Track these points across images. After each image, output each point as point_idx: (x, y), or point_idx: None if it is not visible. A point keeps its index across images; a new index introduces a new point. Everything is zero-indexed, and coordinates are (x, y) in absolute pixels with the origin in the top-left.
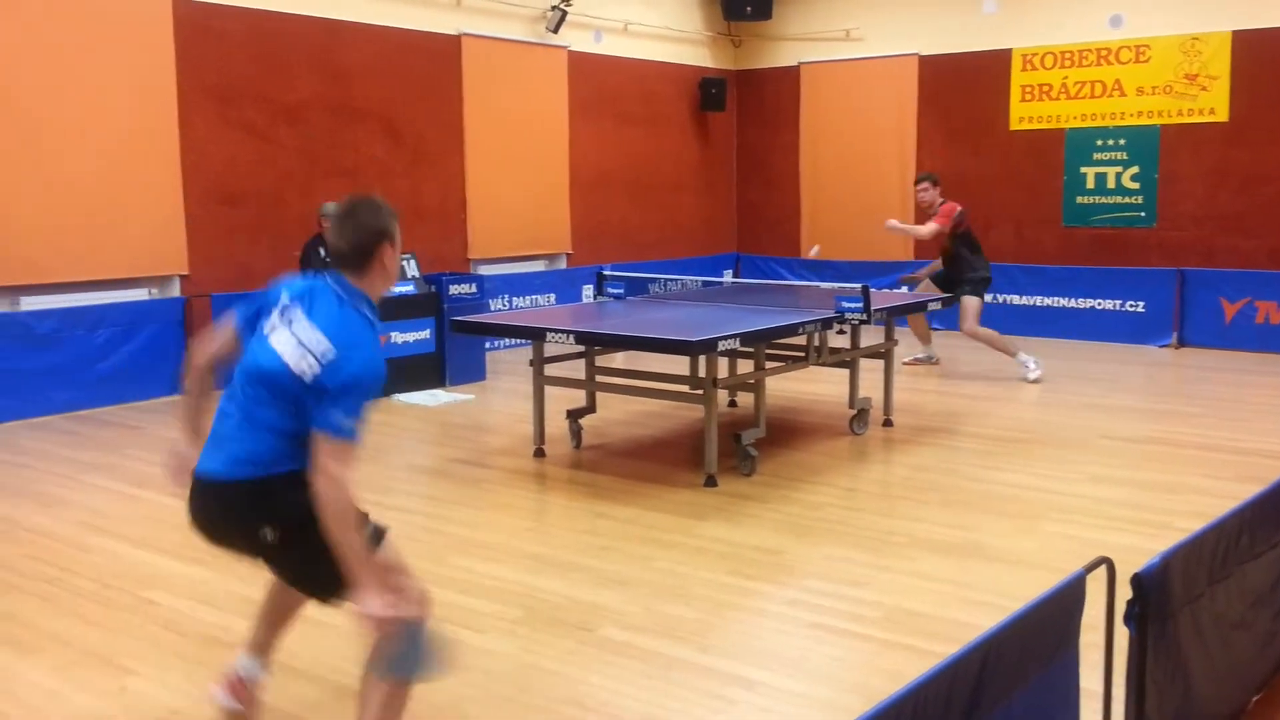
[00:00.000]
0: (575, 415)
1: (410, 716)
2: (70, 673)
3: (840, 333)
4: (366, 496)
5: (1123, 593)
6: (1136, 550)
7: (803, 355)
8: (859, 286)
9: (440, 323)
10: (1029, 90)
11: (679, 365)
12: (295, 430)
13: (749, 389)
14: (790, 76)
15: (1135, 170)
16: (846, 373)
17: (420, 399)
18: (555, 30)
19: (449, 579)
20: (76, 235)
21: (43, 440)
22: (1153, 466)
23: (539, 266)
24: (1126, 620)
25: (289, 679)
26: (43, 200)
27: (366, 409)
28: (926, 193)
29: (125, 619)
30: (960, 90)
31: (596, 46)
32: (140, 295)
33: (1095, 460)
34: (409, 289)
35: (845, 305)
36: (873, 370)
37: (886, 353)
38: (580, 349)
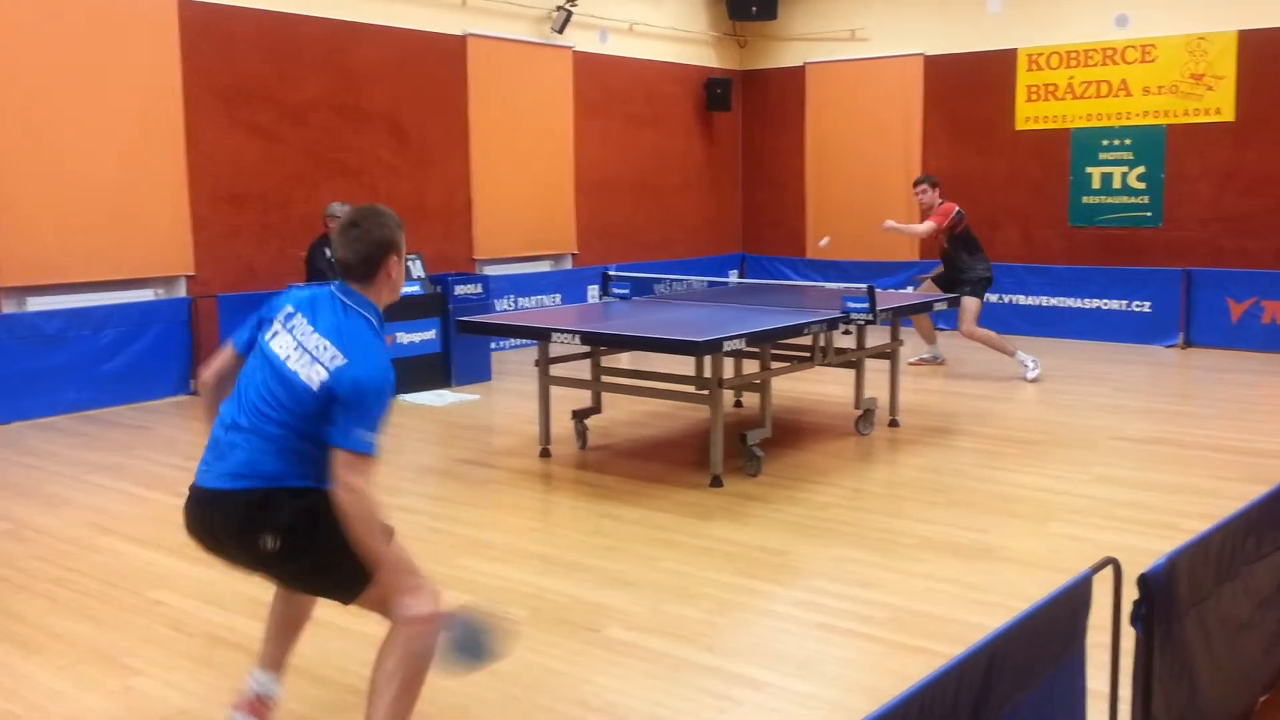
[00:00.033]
0: (581, 415)
1: (418, 716)
2: (76, 672)
3: (846, 333)
4: None
5: (1129, 593)
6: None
7: (808, 355)
8: (864, 287)
9: (446, 323)
10: (1034, 90)
11: (684, 365)
12: (297, 442)
13: (754, 389)
14: (795, 77)
15: (1141, 170)
16: (852, 373)
17: (426, 399)
18: (560, 30)
19: (455, 579)
20: (83, 236)
21: (49, 440)
22: (1160, 467)
23: (544, 267)
24: (1133, 621)
25: (298, 680)
26: (49, 201)
27: (383, 420)
28: (925, 194)
29: (131, 619)
30: (966, 90)
31: (602, 47)
32: (147, 295)
33: (1102, 460)
34: (414, 289)
35: (851, 305)
36: (878, 370)
37: (892, 353)
38: (586, 349)
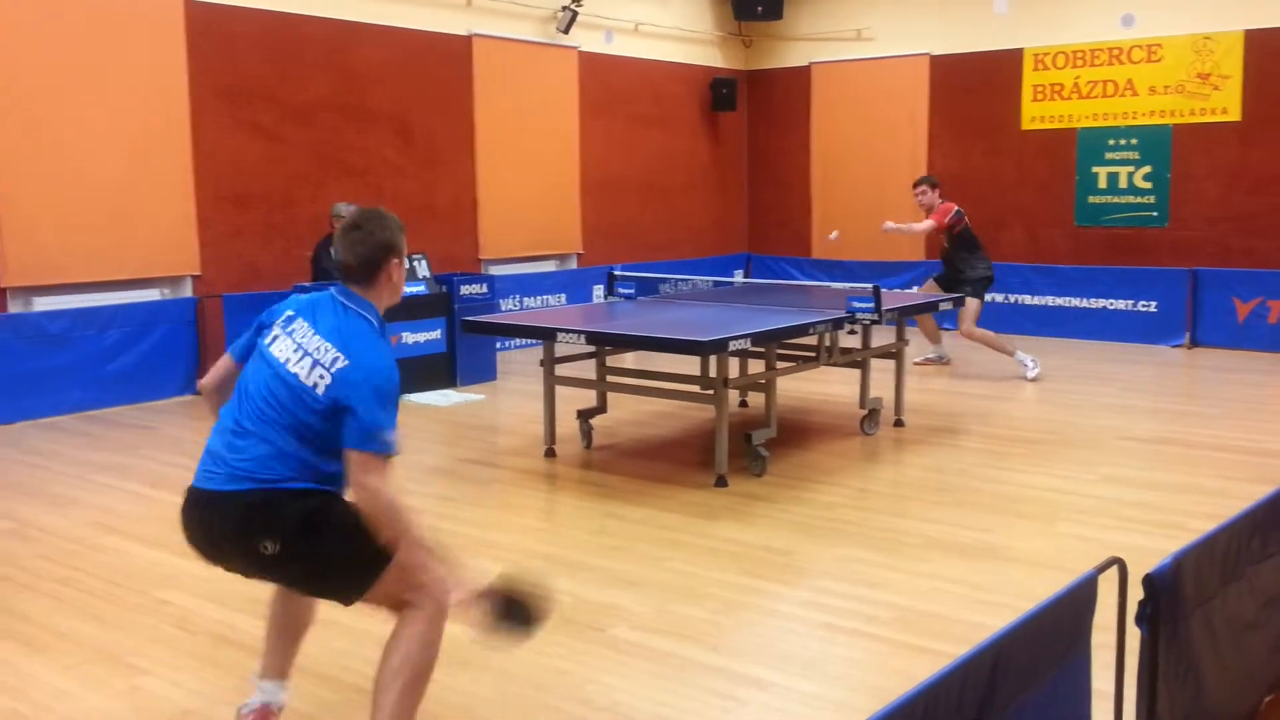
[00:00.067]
0: (586, 415)
1: (423, 715)
2: (82, 672)
3: (851, 333)
4: None
5: (1135, 593)
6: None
7: (814, 355)
8: (870, 286)
9: (451, 323)
10: (1041, 90)
11: (690, 365)
12: (298, 444)
13: (760, 389)
14: (801, 76)
15: (1147, 170)
16: (857, 373)
17: (431, 399)
18: (566, 31)
19: None
20: (89, 236)
21: (55, 440)
22: (1166, 467)
23: (550, 267)
24: (1138, 621)
25: (302, 679)
26: (55, 201)
27: (394, 416)
28: (925, 195)
29: (137, 619)
30: (972, 90)
31: (607, 47)
32: (152, 295)
33: (1108, 460)
34: (420, 289)
35: (856, 305)
36: (884, 370)
37: (897, 353)
38: (591, 349)
